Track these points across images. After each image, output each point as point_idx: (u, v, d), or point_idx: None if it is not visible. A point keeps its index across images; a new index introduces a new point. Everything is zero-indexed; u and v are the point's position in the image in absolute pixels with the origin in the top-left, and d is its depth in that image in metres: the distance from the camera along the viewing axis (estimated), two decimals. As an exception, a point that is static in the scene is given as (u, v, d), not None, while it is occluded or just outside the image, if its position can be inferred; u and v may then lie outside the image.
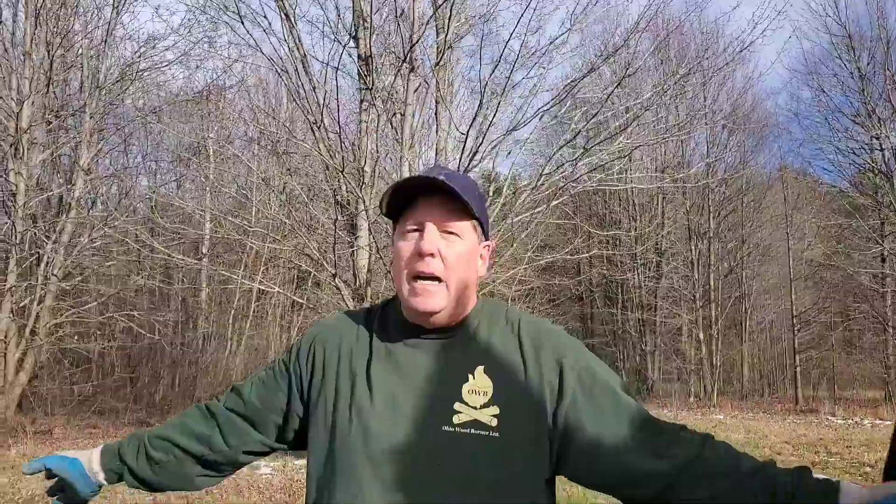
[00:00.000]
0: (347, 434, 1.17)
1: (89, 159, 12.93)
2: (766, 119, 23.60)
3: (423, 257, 1.17)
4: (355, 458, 1.14)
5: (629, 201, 23.28)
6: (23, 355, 11.63)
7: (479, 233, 1.25)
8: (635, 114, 7.72)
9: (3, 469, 7.99)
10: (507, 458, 1.13)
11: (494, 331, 1.24)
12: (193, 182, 17.60)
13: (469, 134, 6.29)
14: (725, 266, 22.14)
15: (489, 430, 1.13)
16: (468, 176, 1.29)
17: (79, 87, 13.66)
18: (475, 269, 1.25)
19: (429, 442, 1.13)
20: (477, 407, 1.15)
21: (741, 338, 22.52)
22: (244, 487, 6.94)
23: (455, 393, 1.16)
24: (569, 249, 10.43)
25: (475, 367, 1.18)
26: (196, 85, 15.54)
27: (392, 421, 1.15)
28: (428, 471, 1.12)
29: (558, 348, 1.21)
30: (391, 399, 1.17)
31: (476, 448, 1.12)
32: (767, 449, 10.21)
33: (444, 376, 1.18)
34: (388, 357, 1.22)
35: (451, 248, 1.19)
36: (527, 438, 1.15)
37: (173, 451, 1.36)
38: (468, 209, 1.18)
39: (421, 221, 1.20)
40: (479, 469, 1.12)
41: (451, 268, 1.18)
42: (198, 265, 12.81)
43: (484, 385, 1.16)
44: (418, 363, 1.20)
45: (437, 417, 1.15)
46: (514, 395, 1.16)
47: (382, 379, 1.19)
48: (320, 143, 7.26)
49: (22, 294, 11.72)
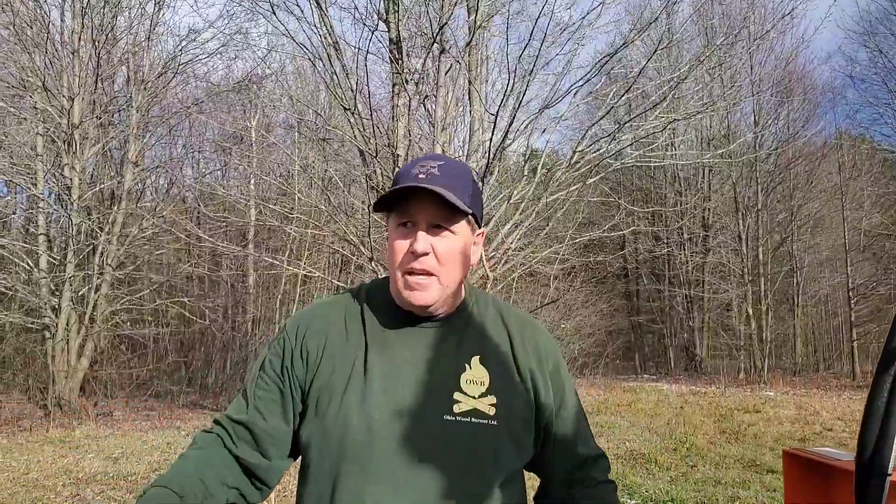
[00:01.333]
0: (351, 427, 1.16)
1: (137, 152, 13.35)
2: (820, 84, 22.79)
3: (416, 256, 1.19)
4: (361, 454, 1.14)
5: (674, 175, 22.83)
6: (83, 341, 12.17)
7: (472, 224, 1.26)
8: (671, 86, 7.56)
9: (69, 449, 8.43)
10: (504, 445, 1.19)
11: (485, 320, 1.29)
12: (237, 170, 17.98)
13: (499, 114, 6.27)
14: (775, 239, 21.55)
15: (488, 419, 1.18)
16: (463, 165, 1.29)
17: (124, 82, 14.07)
18: (468, 261, 1.26)
19: (431, 431, 1.16)
20: (475, 396, 1.19)
21: (793, 312, 21.94)
22: (291, 466, 7.17)
23: (453, 382, 1.20)
24: (608, 226, 10.32)
25: (471, 356, 1.23)
26: (235, 75, 15.84)
27: (393, 410, 1.16)
28: (432, 459, 1.14)
29: (540, 344, 1.31)
30: (391, 388, 1.18)
31: (477, 436, 1.17)
32: (818, 425, 10.01)
33: (441, 366, 1.21)
34: (384, 346, 1.23)
35: (444, 244, 1.20)
36: (520, 426, 1.23)
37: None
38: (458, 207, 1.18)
39: (414, 217, 1.21)
40: (481, 456, 1.17)
41: (443, 263, 1.20)
42: (243, 252, 13.12)
43: (480, 375, 1.21)
44: (415, 352, 1.22)
45: (438, 407, 1.17)
46: (508, 384, 1.23)
47: (380, 368, 1.20)
48: (354, 129, 7.33)
49: (80, 284, 12.22)
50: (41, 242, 12.35)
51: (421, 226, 1.20)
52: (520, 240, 8.15)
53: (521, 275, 10.48)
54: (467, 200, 1.20)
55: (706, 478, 6.76)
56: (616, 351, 23.51)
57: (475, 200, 1.24)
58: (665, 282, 23.73)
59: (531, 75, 6.56)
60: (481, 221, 1.29)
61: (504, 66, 6.85)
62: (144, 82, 13.00)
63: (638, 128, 8.13)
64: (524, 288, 13.86)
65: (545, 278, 12.90)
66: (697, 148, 18.87)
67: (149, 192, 15.94)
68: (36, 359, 12.41)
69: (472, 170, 1.33)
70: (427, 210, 1.19)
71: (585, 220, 13.50)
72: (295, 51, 8.34)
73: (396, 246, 1.21)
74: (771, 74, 20.55)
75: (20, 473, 6.94)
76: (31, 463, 7.47)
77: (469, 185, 1.23)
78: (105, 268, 12.30)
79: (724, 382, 17.26)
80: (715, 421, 10.36)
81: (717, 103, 10.57)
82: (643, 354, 25.29)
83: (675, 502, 5.73)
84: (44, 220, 12.64)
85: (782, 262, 21.54)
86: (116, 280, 12.88)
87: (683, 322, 22.96)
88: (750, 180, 20.74)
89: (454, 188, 1.18)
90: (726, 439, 8.94)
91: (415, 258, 1.19)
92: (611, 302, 22.06)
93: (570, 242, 9.92)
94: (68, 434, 9.53)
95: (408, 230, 1.21)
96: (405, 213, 1.21)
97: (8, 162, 12.38)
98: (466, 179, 1.24)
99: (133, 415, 11.42)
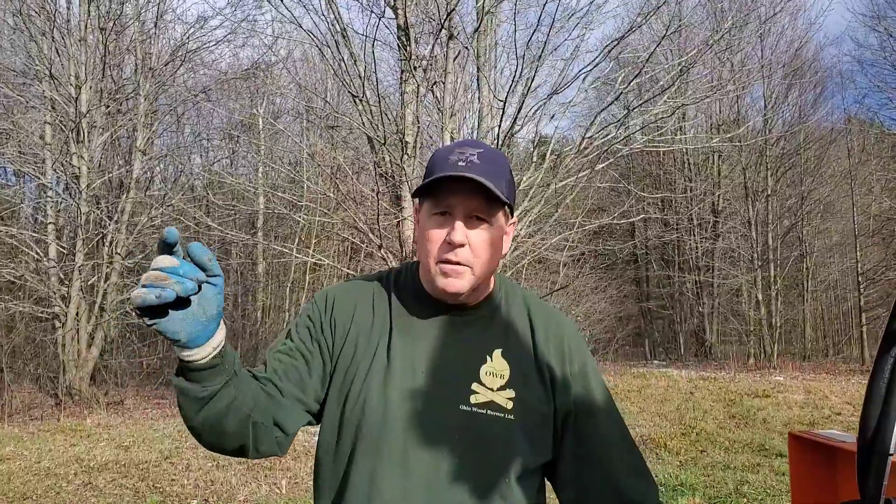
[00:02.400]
0: (370, 408, 1.16)
1: (145, 140, 13.35)
2: (828, 68, 22.58)
3: (452, 247, 1.16)
4: (376, 434, 1.15)
5: (684, 161, 22.71)
6: (93, 330, 12.23)
7: (507, 214, 1.25)
8: (679, 70, 7.49)
9: (81, 437, 8.50)
10: (519, 440, 1.17)
11: (512, 312, 1.28)
12: (245, 158, 18.00)
13: (507, 100, 6.24)
14: (785, 224, 21.45)
15: (505, 413, 1.17)
16: (500, 154, 1.24)
17: (132, 70, 14.06)
18: (500, 252, 1.24)
19: (446, 419, 1.16)
20: (494, 389, 1.18)
21: (803, 297, 21.87)
22: (301, 453, 7.21)
23: (473, 373, 1.19)
24: (618, 213, 10.28)
25: (493, 349, 1.22)
26: (243, 63, 15.80)
27: (411, 395, 1.16)
28: (445, 446, 1.14)
29: (566, 341, 1.27)
30: (411, 373, 1.18)
31: (492, 428, 1.16)
32: (827, 409, 9.99)
33: (463, 356, 1.21)
34: (408, 330, 1.23)
35: (480, 236, 1.18)
36: (537, 422, 1.20)
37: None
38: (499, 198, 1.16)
39: (451, 206, 1.18)
40: (494, 449, 1.16)
41: (478, 255, 1.18)
42: (252, 240, 13.14)
43: (501, 368, 1.20)
44: (439, 340, 1.22)
45: (455, 396, 1.17)
46: (528, 379, 1.21)
47: (403, 352, 1.20)
48: (363, 116, 7.31)
49: (89, 273, 12.27)
50: (50, 231, 12.39)
51: (458, 216, 1.17)
52: (529, 227, 8.14)
53: (530, 262, 10.47)
54: (504, 190, 1.17)
55: (715, 462, 6.77)
56: (626, 337, 23.51)
57: (511, 189, 1.22)
58: (675, 267, 23.66)
59: (540, 61, 6.51)
60: (514, 210, 1.28)
61: (512, 52, 6.80)
62: (152, 70, 12.98)
63: (647, 112, 8.08)
64: (534, 275, 13.85)
65: (555, 265, 12.89)
66: (707, 133, 18.72)
67: (157, 181, 15.97)
68: (46, 348, 12.49)
69: (507, 157, 1.28)
70: (466, 200, 1.17)
71: (595, 207, 13.47)
72: (302, 38, 8.30)
73: (432, 235, 1.19)
74: (780, 58, 20.38)
75: (32, 462, 7.00)
76: (43, 451, 7.54)
77: (506, 172, 1.21)
78: (114, 257, 12.34)
79: (734, 367, 17.23)
80: (724, 406, 10.35)
81: (727, 87, 10.49)
82: (653, 340, 25.28)
83: (684, 487, 5.74)
84: (52, 210, 12.68)
85: (792, 248, 21.44)
86: (125, 269, 12.92)
87: (693, 308, 22.91)
88: (759, 166, 20.61)
89: (494, 177, 1.15)
90: (736, 424, 8.94)
91: (451, 249, 1.17)
92: (620, 288, 22.05)
93: (579, 229, 9.90)
94: (79, 423, 9.61)
95: (444, 219, 1.18)
96: (442, 201, 1.18)
97: (16, 151, 12.41)
98: (504, 167, 1.21)
99: (144, 403, 11.50)
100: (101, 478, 6.35)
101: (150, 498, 5.70)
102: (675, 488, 5.75)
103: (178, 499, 5.67)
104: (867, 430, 0.86)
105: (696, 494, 5.54)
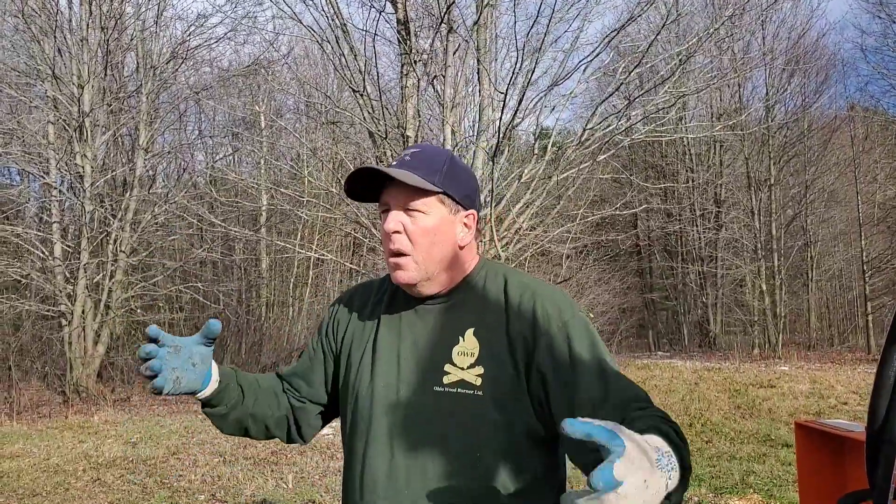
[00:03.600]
0: (360, 396, 1.30)
1: (147, 138, 13.38)
2: (831, 56, 22.48)
3: (390, 235, 1.26)
4: (366, 419, 1.27)
5: (685, 151, 22.65)
6: (99, 328, 12.29)
7: (451, 204, 1.29)
8: (680, 60, 7.46)
9: (88, 434, 8.56)
10: (489, 415, 1.18)
11: (488, 292, 1.30)
12: (248, 155, 18.00)
13: (508, 92, 6.23)
14: (788, 213, 21.40)
15: (474, 389, 1.20)
16: (441, 150, 1.34)
17: (134, 68, 14.08)
18: (450, 239, 1.28)
19: (422, 402, 1.23)
20: (464, 367, 1.22)
21: (807, 287, 21.84)
22: (307, 448, 7.25)
23: (446, 355, 1.24)
24: (620, 204, 10.27)
25: (466, 329, 1.26)
26: (244, 60, 15.79)
27: (394, 383, 1.26)
28: (423, 428, 1.21)
29: (539, 310, 1.22)
30: (395, 362, 1.28)
31: (461, 406, 1.20)
32: (833, 399, 9.99)
33: (437, 340, 1.27)
34: (394, 323, 1.34)
35: (416, 224, 1.26)
36: (508, 396, 1.19)
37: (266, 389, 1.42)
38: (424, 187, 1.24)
39: (387, 202, 1.29)
40: (467, 426, 1.19)
41: (416, 242, 1.25)
42: (255, 236, 13.17)
43: (472, 346, 1.23)
44: (418, 328, 1.30)
45: (430, 379, 1.24)
46: (498, 354, 1.21)
47: (388, 344, 1.31)
48: (363, 111, 7.31)
49: (94, 271, 12.32)
50: (55, 230, 12.44)
51: (393, 208, 1.28)
52: (531, 219, 8.13)
53: (533, 254, 10.48)
54: (437, 180, 1.25)
55: (721, 453, 6.78)
56: (629, 328, 23.52)
57: (452, 181, 1.29)
58: (678, 258, 23.64)
59: (540, 52, 6.50)
60: (467, 203, 1.31)
61: (513, 44, 6.80)
62: (154, 68, 12.99)
63: (648, 103, 8.06)
64: (536, 267, 13.85)
65: (557, 257, 12.88)
66: (708, 122, 18.66)
67: (160, 179, 16.00)
68: (53, 346, 12.56)
69: (452, 153, 1.34)
70: (395, 194, 1.27)
71: (597, 198, 13.44)
72: (303, 34, 8.30)
73: (382, 234, 1.31)
74: (782, 45, 20.29)
75: (41, 459, 7.05)
76: (52, 448, 7.60)
77: (442, 166, 1.28)
78: (119, 255, 12.39)
79: (739, 358, 17.23)
80: (729, 396, 10.36)
81: (728, 75, 10.45)
82: (657, 331, 25.28)
83: (693, 478, 5.75)
84: (57, 209, 12.73)
85: (796, 237, 21.39)
86: (130, 267, 12.97)
87: (697, 298, 22.90)
88: (762, 155, 20.54)
89: (419, 170, 1.25)
90: (741, 414, 8.94)
91: (389, 238, 1.27)
92: (623, 279, 22.01)
93: (581, 221, 9.89)
94: (87, 420, 9.67)
95: (386, 216, 1.29)
96: (381, 201, 1.30)
97: (21, 150, 12.45)
98: (439, 162, 1.29)
99: (150, 400, 11.54)
100: (110, 474, 6.40)
101: (157, 493, 5.74)
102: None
103: (185, 494, 5.71)
104: (876, 420, 0.85)
105: (701, 485, 5.56)
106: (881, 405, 0.85)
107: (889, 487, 0.82)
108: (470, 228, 1.32)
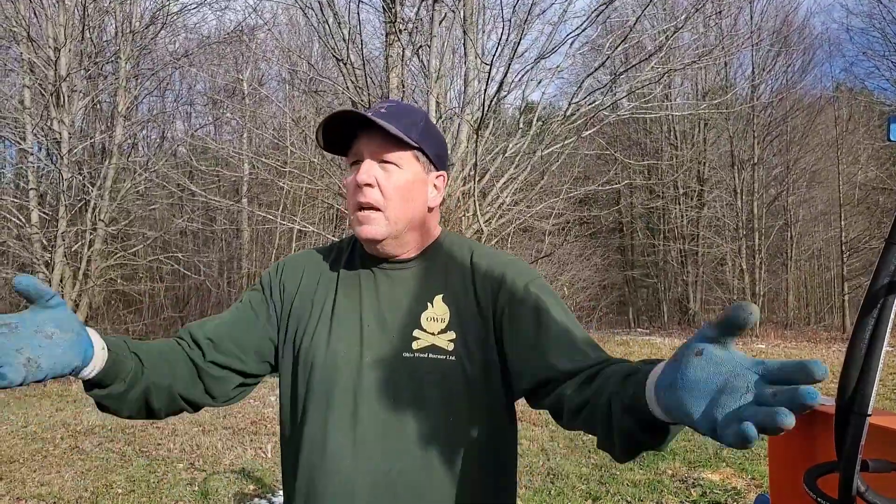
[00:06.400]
0: (316, 363, 1.21)
1: (127, 105, 13.14)
2: (817, 35, 22.51)
3: (361, 188, 1.20)
4: (325, 382, 1.20)
5: (670, 129, 22.68)
6: (78, 298, 12.16)
7: (425, 162, 1.26)
8: (667, 36, 7.43)
9: (67, 402, 8.51)
10: (461, 380, 1.18)
11: (454, 260, 1.28)
12: (229, 124, 17.77)
13: (494, 64, 6.17)
14: (770, 193, 21.55)
15: (446, 355, 1.18)
16: (413, 107, 1.30)
17: (112, 33, 13.77)
18: (421, 198, 1.26)
19: (391, 367, 1.18)
20: (435, 333, 1.20)
21: (786, 266, 22.08)
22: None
23: (415, 320, 1.21)
24: (604, 180, 10.28)
25: (434, 295, 1.23)
26: (227, 26, 15.52)
27: (357, 348, 1.20)
28: (391, 394, 1.17)
29: (507, 275, 1.22)
30: (358, 328, 1.22)
31: (433, 371, 1.18)
32: (807, 376, 10.15)
33: (405, 305, 1.23)
34: (352, 288, 1.27)
35: (390, 178, 1.21)
36: (478, 361, 1.19)
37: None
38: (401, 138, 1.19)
39: (360, 154, 1.23)
40: (439, 391, 1.17)
41: (389, 197, 1.21)
42: (236, 207, 13.05)
43: (442, 312, 1.21)
44: (383, 293, 1.26)
45: (399, 344, 1.20)
46: (467, 320, 1.21)
47: (347, 307, 1.25)
48: (347, 80, 7.23)
49: (72, 239, 12.16)
50: (32, 197, 12.22)
51: (365, 158, 1.22)
52: (515, 194, 8.12)
53: (515, 230, 10.48)
54: (414, 135, 1.22)
55: (697, 427, 6.87)
56: (609, 305, 23.68)
57: (427, 138, 1.25)
58: (660, 236, 23.77)
59: (526, 24, 6.44)
60: (439, 163, 1.30)
61: (499, 15, 6.71)
62: (133, 33, 12.72)
63: (633, 79, 8.04)
64: (518, 243, 13.87)
65: (539, 233, 12.91)
66: (694, 101, 18.66)
67: (140, 147, 15.77)
68: (31, 314, 12.40)
69: (427, 114, 1.33)
70: (369, 143, 1.21)
71: (580, 175, 13.44)
72: (287, 1, 8.15)
73: (348, 185, 1.24)
74: (769, 23, 20.27)
75: (18, 427, 7.01)
76: (30, 416, 7.55)
77: (418, 122, 1.24)
78: (98, 223, 12.22)
79: (717, 335, 17.39)
80: (706, 373, 10.47)
81: (714, 52, 10.44)
82: (637, 308, 25.49)
83: (665, 452, 5.84)
84: (34, 175, 12.50)
85: (777, 217, 21.57)
86: (109, 236, 12.81)
87: (677, 276, 23.09)
88: (746, 134, 20.62)
89: (398, 122, 1.20)
90: (717, 390, 9.05)
91: (360, 190, 1.20)
92: (605, 256, 22.12)
93: (565, 197, 9.90)
94: (66, 388, 9.61)
95: (357, 167, 1.23)
96: (354, 150, 1.24)
97: (-5, 115, 12.18)
98: (416, 118, 1.25)
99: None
100: (88, 442, 6.38)
101: (136, 461, 5.73)
102: (655, 453, 5.84)
103: (164, 462, 5.70)
104: (846, 391, 0.86)
105: (676, 459, 5.65)
106: (852, 377, 0.86)
107: (857, 458, 0.82)
108: (440, 190, 1.30)
